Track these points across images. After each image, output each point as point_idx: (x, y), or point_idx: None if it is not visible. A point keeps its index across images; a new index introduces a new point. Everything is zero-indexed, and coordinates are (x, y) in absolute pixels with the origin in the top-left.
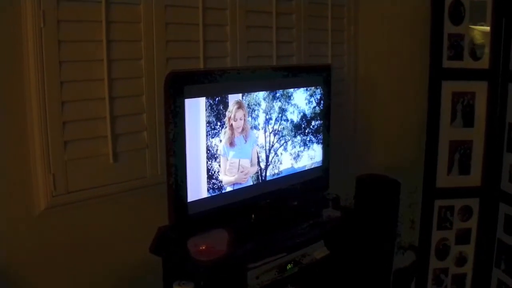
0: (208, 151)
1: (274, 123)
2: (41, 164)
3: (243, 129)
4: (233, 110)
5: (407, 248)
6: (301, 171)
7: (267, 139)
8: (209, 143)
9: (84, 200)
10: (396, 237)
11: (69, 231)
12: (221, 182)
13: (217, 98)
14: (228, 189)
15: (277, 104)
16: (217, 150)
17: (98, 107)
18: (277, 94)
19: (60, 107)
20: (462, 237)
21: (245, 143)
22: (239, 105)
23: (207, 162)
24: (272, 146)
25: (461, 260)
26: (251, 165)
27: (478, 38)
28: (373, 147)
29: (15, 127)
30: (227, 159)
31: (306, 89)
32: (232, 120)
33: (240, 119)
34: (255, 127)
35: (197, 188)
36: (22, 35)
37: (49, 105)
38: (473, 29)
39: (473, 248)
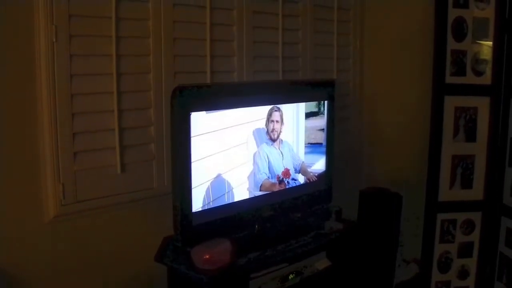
0: (213, 163)
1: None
2: (51, 174)
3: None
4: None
5: (410, 261)
6: (305, 183)
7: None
8: (214, 155)
9: (92, 209)
10: (398, 250)
11: (77, 239)
12: (226, 193)
13: (222, 112)
14: (233, 200)
15: None
16: (222, 161)
17: (107, 119)
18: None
19: (71, 119)
20: (465, 251)
21: (250, 154)
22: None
23: (212, 174)
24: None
25: (463, 273)
26: (258, 175)
27: (481, 54)
28: (376, 161)
29: (26, 138)
30: (234, 170)
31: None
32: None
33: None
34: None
35: (201, 199)
36: (35, 49)
37: (59, 117)
38: (476, 45)
39: (476, 261)
